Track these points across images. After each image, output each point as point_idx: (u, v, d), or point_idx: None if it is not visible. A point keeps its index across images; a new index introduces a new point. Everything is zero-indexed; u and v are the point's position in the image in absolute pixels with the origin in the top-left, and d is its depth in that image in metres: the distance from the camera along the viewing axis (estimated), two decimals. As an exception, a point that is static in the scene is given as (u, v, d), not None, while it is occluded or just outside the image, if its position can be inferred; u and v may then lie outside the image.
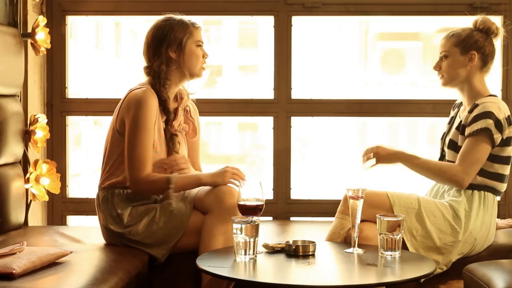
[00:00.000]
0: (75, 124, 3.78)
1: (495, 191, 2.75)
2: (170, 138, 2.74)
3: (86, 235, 2.91)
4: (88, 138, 4.24)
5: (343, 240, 2.61)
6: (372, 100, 3.52)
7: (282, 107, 3.47)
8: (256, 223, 2.24)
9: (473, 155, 2.67)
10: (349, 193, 2.41)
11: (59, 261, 2.34)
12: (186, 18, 2.80)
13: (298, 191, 3.57)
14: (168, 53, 2.72)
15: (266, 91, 3.54)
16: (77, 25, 4.24)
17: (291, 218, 3.51)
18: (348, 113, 3.54)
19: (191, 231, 2.63)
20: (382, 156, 2.78)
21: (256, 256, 2.26)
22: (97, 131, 4.15)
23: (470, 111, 2.73)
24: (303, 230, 3.20)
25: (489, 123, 2.65)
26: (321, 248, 2.44)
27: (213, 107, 3.47)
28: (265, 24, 3.63)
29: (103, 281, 2.17)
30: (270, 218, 3.51)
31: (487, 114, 2.67)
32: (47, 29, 3.24)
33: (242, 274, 2.15)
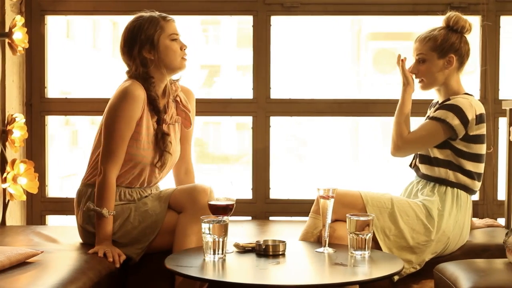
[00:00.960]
0: (71, 123, 3.79)
1: (468, 190, 2.75)
2: (161, 137, 2.71)
3: (63, 235, 2.91)
4: (85, 138, 4.24)
5: (316, 240, 2.61)
6: (352, 100, 3.52)
7: (261, 107, 3.47)
8: (225, 222, 2.25)
9: (421, 135, 2.74)
10: (320, 192, 2.42)
11: (30, 261, 2.33)
12: (157, 13, 2.74)
13: (297, 191, 3.59)
14: (142, 54, 2.68)
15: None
16: (74, 25, 4.25)
17: (270, 218, 3.52)
18: (328, 113, 3.54)
19: (166, 230, 2.62)
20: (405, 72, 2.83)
21: (225, 256, 2.26)
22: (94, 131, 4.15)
23: (441, 103, 2.77)
24: (281, 229, 3.20)
25: (450, 117, 2.67)
26: (292, 248, 2.44)
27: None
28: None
29: (72, 281, 2.17)
30: (249, 218, 3.52)
31: (453, 108, 2.69)
32: (25, 29, 3.24)
33: (210, 274, 2.15)
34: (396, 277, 2.62)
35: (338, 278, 2.11)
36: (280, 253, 2.34)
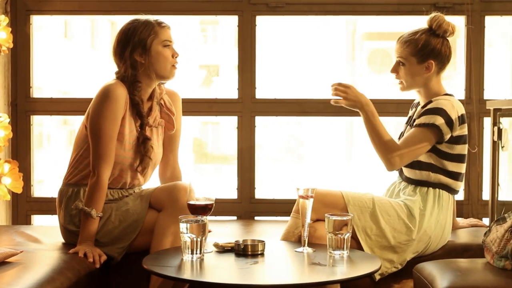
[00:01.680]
0: (70, 123, 3.79)
1: (450, 190, 2.76)
2: (142, 141, 2.71)
3: (46, 235, 2.92)
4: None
5: (297, 239, 2.61)
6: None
7: (246, 107, 3.48)
8: (204, 222, 2.25)
9: (413, 144, 2.69)
10: (299, 192, 2.42)
11: (8, 261, 2.33)
12: (153, 18, 2.74)
13: (292, 191, 3.58)
14: (133, 57, 2.68)
15: (264, 90, 3.55)
16: (72, 25, 4.24)
17: (256, 218, 3.52)
18: (314, 112, 3.54)
19: (147, 229, 2.62)
20: (349, 98, 2.75)
21: (203, 255, 2.26)
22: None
23: (423, 107, 2.75)
24: (266, 229, 3.21)
25: (438, 119, 2.66)
26: (272, 248, 2.44)
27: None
28: (263, 24, 3.64)
29: (49, 281, 2.17)
30: (234, 218, 3.52)
31: (437, 111, 2.68)
32: (9, 29, 3.23)
33: (187, 273, 2.14)
34: (377, 277, 2.63)
35: (315, 277, 2.11)
36: (259, 252, 2.34)
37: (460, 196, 3.46)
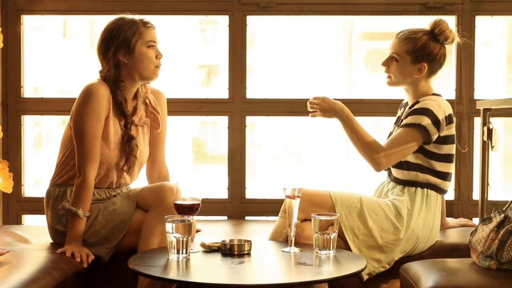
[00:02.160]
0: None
1: (438, 190, 2.76)
2: (127, 140, 2.71)
3: (35, 235, 2.92)
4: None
5: (285, 239, 2.61)
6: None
7: (237, 107, 3.48)
8: (189, 222, 2.25)
9: (400, 145, 2.68)
10: (286, 192, 2.42)
11: (-5, 261, 2.34)
12: (139, 17, 2.73)
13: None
14: (117, 57, 2.68)
15: (263, 90, 3.55)
16: (71, 25, 4.24)
17: (246, 218, 3.52)
18: (305, 112, 3.51)
19: (134, 229, 2.62)
20: (324, 108, 2.77)
21: (189, 255, 2.26)
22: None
23: (411, 107, 2.75)
24: (256, 229, 3.21)
25: (424, 120, 2.66)
26: (258, 247, 2.44)
27: (169, 107, 3.45)
28: (262, 24, 3.64)
29: (34, 280, 2.16)
30: (225, 218, 3.52)
31: (424, 111, 2.68)
32: (0, 29, 3.24)
33: (172, 273, 2.14)
34: (365, 276, 2.63)
35: (300, 277, 2.11)
36: (245, 252, 2.34)
37: (450, 196, 3.46)
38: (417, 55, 2.74)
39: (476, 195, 3.42)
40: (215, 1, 3.48)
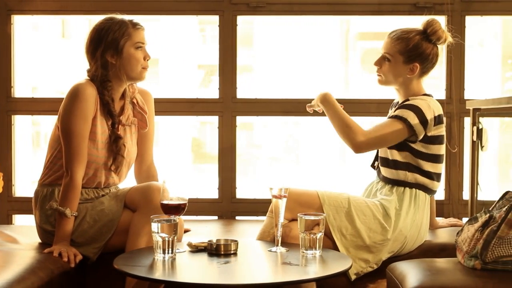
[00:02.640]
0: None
1: (427, 190, 2.76)
2: (114, 140, 2.72)
3: (25, 234, 2.92)
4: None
5: (273, 239, 2.60)
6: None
7: (227, 106, 3.48)
8: (175, 222, 2.25)
9: (382, 131, 2.68)
10: (273, 192, 2.42)
11: (-19, 260, 2.34)
12: (128, 18, 2.73)
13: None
14: (105, 57, 2.68)
15: (261, 90, 3.54)
16: (70, 25, 4.25)
17: (237, 217, 3.52)
18: (296, 112, 3.53)
19: (122, 229, 2.62)
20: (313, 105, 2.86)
21: (175, 255, 2.27)
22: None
23: (401, 104, 2.77)
24: (246, 229, 3.21)
25: (411, 115, 2.66)
26: (245, 247, 2.44)
27: (160, 107, 3.46)
28: (260, 24, 3.64)
29: (19, 280, 2.16)
30: (215, 217, 3.52)
31: (412, 107, 2.68)
32: (-12, 28, 3.24)
33: (157, 273, 2.14)
34: (353, 276, 2.63)
35: (285, 277, 2.11)
36: (232, 252, 2.34)
37: (440, 195, 3.47)
38: (409, 55, 2.74)
39: (466, 195, 3.42)
40: (205, 1, 3.48)
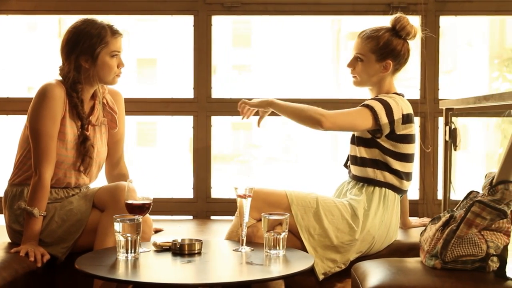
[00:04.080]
0: None
1: (396, 189, 2.76)
2: (82, 142, 2.72)
3: (-6, 234, 2.92)
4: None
5: (241, 239, 2.62)
6: (295, 100, 3.51)
7: (202, 106, 3.48)
8: (138, 221, 2.25)
9: (347, 113, 2.65)
10: (238, 191, 2.42)
11: None
12: (108, 23, 2.71)
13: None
14: (79, 61, 2.68)
15: (261, 89, 3.54)
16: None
17: (212, 217, 3.52)
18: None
19: (91, 229, 2.62)
20: (253, 104, 2.80)
21: (138, 255, 2.27)
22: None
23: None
24: (221, 229, 3.20)
25: (377, 105, 2.66)
26: (211, 247, 2.45)
27: (134, 106, 3.46)
28: (259, 24, 3.64)
29: (-19, 280, 2.17)
30: (190, 217, 3.52)
31: (380, 99, 2.70)
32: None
33: (117, 273, 2.14)
34: (321, 276, 2.63)
35: (243, 276, 2.11)
36: (196, 252, 2.34)
37: (415, 195, 3.47)
38: (381, 53, 2.75)
39: (440, 195, 3.43)
40: (180, 1, 3.48)
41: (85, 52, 2.67)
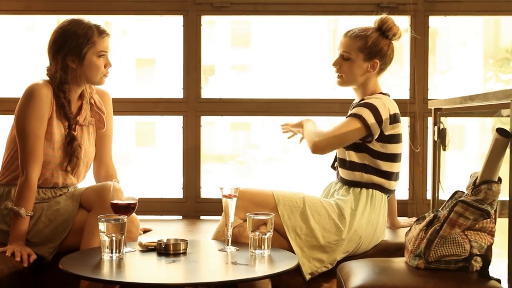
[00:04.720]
0: None
1: (383, 189, 2.76)
2: (69, 142, 2.72)
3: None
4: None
5: (228, 239, 2.62)
6: (281, 100, 3.52)
7: (191, 106, 3.48)
8: (123, 221, 2.25)
9: (340, 130, 2.69)
10: (223, 191, 2.43)
11: None
12: (95, 23, 2.72)
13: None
14: (66, 61, 2.68)
15: (260, 89, 3.54)
16: None
17: (201, 217, 3.52)
18: (259, 112, 3.53)
19: (78, 229, 2.62)
20: (293, 125, 2.97)
21: (123, 255, 2.27)
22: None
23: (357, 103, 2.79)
24: (210, 228, 3.20)
25: (366, 112, 2.67)
26: (196, 247, 2.45)
27: (123, 106, 3.46)
28: (258, 24, 3.64)
29: (-35, 280, 2.17)
30: (180, 217, 3.52)
31: (368, 105, 2.70)
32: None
33: (101, 273, 2.14)
34: (308, 276, 2.64)
35: (227, 276, 2.12)
36: (181, 252, 2.35)
37: (404, 195, 3.47)
38: (369, 52, 2.76)
39: (430, 195, 3.43)
40: (169, 1, 3.48)
41: (72, 52, 2.67)
